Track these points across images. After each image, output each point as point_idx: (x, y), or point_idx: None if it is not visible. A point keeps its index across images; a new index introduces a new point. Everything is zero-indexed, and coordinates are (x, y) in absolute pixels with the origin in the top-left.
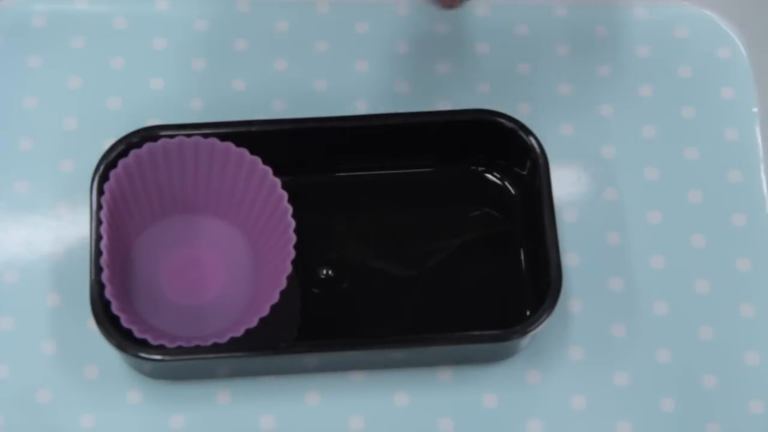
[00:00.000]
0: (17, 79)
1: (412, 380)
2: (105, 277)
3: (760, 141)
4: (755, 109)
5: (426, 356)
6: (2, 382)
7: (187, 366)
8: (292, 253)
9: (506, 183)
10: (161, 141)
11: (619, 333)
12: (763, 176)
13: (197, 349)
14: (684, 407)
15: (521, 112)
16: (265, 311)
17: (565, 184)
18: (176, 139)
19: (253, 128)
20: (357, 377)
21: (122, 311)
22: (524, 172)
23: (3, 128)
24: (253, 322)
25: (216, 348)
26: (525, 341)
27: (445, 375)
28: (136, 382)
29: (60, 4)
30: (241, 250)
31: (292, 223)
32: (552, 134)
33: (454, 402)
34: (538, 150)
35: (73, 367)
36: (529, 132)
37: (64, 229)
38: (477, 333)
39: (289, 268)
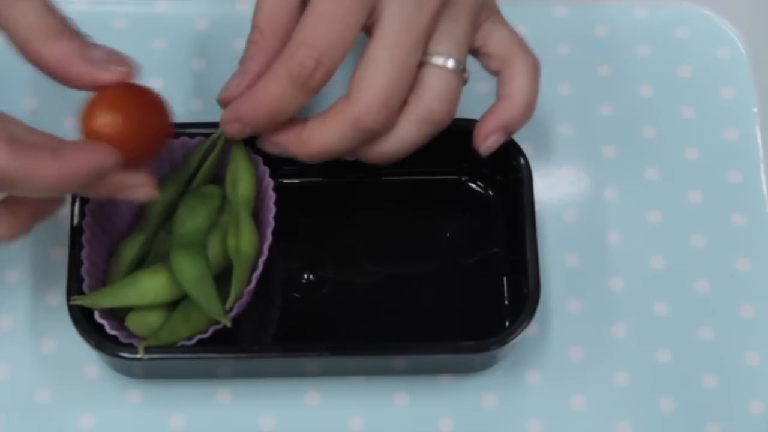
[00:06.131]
0: (18, 79)
1: (412, 380)
2: (86, 285)
3: (760, 141)
4: (755, 109)
5: (403, 365)
6: (2, 382)
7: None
8: (265, 253)
9: (489, 192)
10: None
11: (619, 333)
12: (763, 176)
13: (176, 349)
14: (684, 407)
15: None
16: (233, 310)
17: (566, 184)
18: None
19: None
20: (357, 378)
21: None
22: (507, 181)
23: None
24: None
25: (200, 349)
26: (504, 351)
27: (445, 375)
28: (136, 382)
29: (60, 5)
30: None
31: (271, 224)
32: (552, 134)
33: (453, 402)
34: (521, 159)
35: (73, 367)
36: (511, 140)
37: (64, 228)
38: (452, 344)
39: (259, 267)
